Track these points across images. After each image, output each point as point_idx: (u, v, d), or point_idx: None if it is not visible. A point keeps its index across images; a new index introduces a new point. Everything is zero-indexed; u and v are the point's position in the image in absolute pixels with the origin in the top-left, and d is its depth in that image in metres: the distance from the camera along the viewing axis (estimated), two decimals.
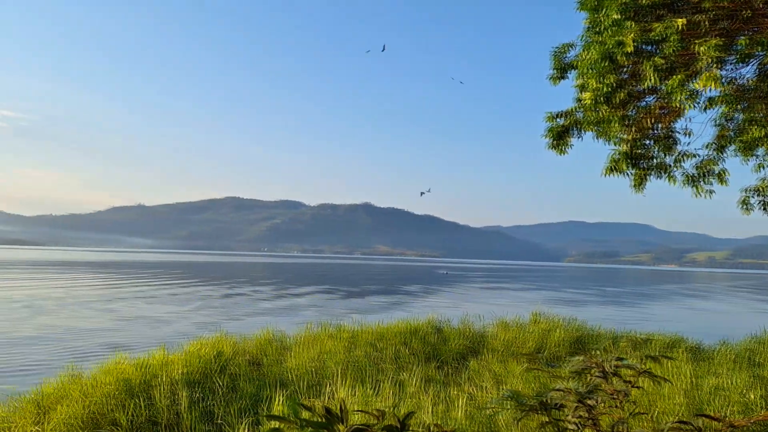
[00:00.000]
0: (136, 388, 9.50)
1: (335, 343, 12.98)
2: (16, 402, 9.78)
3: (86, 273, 72.49)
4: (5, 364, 15.71)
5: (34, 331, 21.72)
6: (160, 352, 11.25)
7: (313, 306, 36.02)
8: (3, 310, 27.95)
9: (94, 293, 40.71)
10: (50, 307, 30.19)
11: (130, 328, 23.35)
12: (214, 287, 51.67)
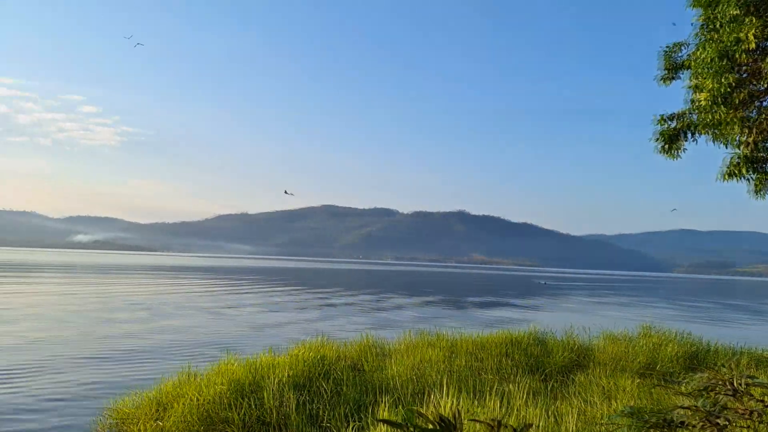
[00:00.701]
0: (246, 389, 9.96)
1: (435, 352, 12.99)
2: (138, 398, 10.59)
3: (196, 278, 76.95)
4: (129, 362, 16.99)
5: (153, 332, 23.32)
6: (266, 355, 11.73)
7: (410, 314, 36.19)
8: (126, 312, 30.23)
9: (203, 297, 43.18)
10: (166, 309, 32.32)
11: (237, 331, 24.53)
12: (313, 293, 53.23)
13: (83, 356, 17.43)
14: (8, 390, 13.25)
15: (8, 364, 15.92)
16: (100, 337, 21.38)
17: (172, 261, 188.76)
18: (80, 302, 34.65)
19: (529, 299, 58.60)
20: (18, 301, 34.65)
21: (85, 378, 14.64)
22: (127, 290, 47.15)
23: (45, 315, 27.49)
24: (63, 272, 77.44)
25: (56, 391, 13.18)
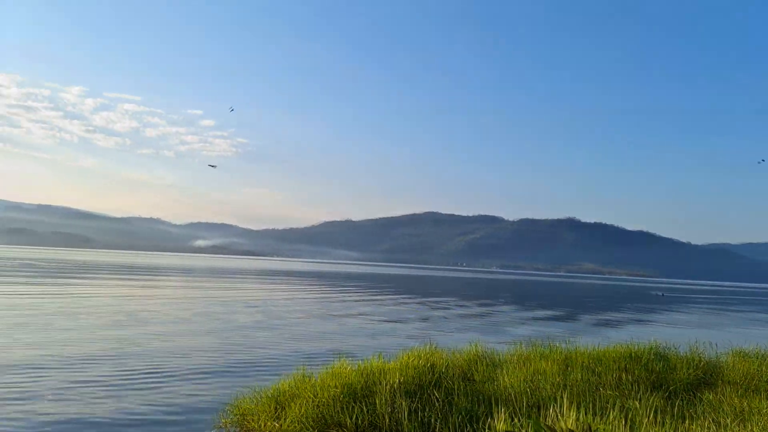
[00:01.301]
0: (359, 393, 10.10)
1: (549, 365, 12.52)
2: (257, 396, 11.04)
3: (304, 282, 79.68)
4: (248, 360, 17.83)
5: (269, 333, 24.35)
6: (377, 360, 11.84)
7: (519, 323, 35.29)
8: (244, 314, 31.81)
9: (313, 301, 44.59)
10: (280, 312, 33.67)
11: (346, 335, 25.04)
12: (418, 300, 53.36)
13: (207, 354, 18.50)
14: (143, 377, 14.38)
15: (144, 355, 17.24)
16: (222, 336, 22.61)
17: (282, 266, 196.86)
18: (202, 303, 36.92)
19: (645, 311, 55.22)
20: (150, 302, 37.52)
21: (209, 374, 15.51)
22: (243, 293, 49.64)
23: (172, 314, 29.55)
24: (186, 275, 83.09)
25: (181, 385, 14.05)
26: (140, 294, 43.06)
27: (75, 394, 12.71)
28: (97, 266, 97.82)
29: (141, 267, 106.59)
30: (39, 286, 45.70)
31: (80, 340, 19.96)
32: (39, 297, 35.63)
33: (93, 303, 33.48)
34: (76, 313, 27.74)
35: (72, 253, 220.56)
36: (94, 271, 77.71)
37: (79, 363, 16.11)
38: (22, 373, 14.59)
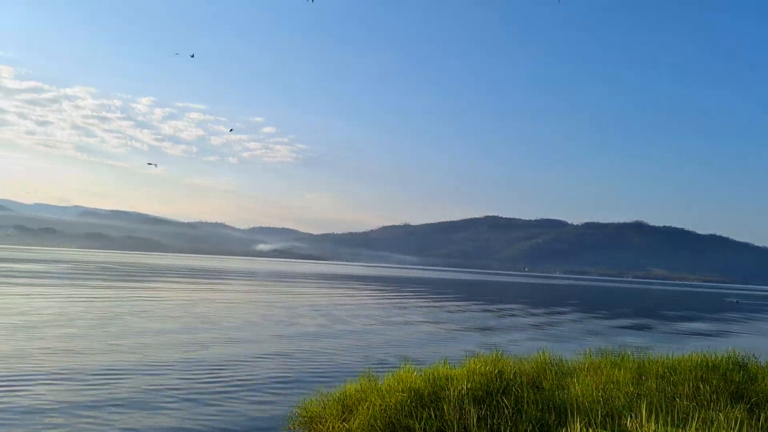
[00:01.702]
0: (426, 399, 10.08)
1: (622, 373, 12.12)
2: (325, 398, 11.20)
3: (365, 286, 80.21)
4: (314, 365, 18.11)
5: (333, 337, 24.66)
6: (443, 366, 11.78)
7: (586, 330, 34.36)
8: (308, 317, 32.36)
9: (375, 305, 44.85)
10: (342, 316, 34.04)
11: (409, 339, 25.07)
12: (480, 305, 52.81)
13: (274, 357, 18.91)
14: (213, 380, 14.83)
15: (213, 359, 17.83)
16: (288, 340, 23.07)
17: (342, 270, 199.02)
18: (267, 307, 37.78)
19: (719, 319, 52.63)
20: (217, 305, 38.73)
21: (275, 377, 15.85)
22: (306, 297, 50.48)
23: (240, 317, 30.38)
24: (250, 278, 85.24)
25: (249, 388, 14.39)
26: (208, 297, 44.51)
27: (146, 398, 13.23)
28: (167, 270, 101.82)
29: (207, 270, 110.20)
30: (115, 289, 47.92)
31: (152, 344, 20.81)
32: (116, 300, 37.40)
33: (165, 306, 34.85)
34: (150, 316, 28.95)
35: (143, 257, 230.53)
36: (164, 275, 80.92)
37: (150, 366, 16.79)
38: (96, 376, 15.34)
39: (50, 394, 12.79)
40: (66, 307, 30.57)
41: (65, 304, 32.24)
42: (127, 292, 44.56)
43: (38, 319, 25.06)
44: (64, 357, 16.96)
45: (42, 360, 16.37)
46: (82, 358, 17.01)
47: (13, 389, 13.03)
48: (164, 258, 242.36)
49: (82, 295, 39.28)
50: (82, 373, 14.96)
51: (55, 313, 27.56)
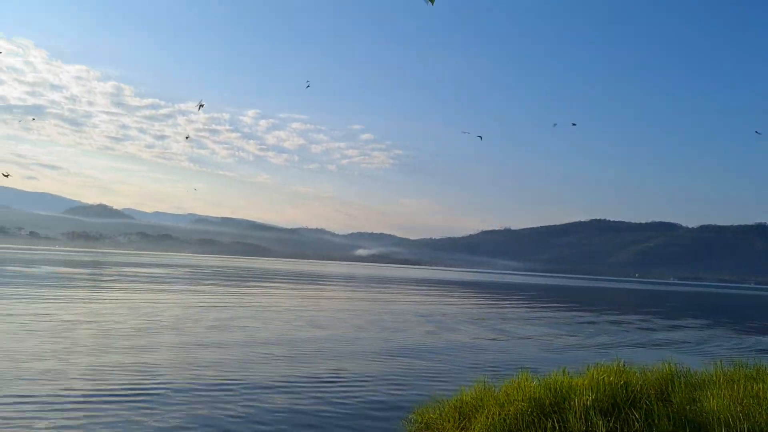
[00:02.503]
0: (547, 408, 9.86)
1: (761, 387, 11.20)
2: (441, 406, 11.23)
3: (466, 292, 79.51)
4: (426, 371, 18.23)
5: (442, 343, 24.62)
6: (563, 375, 11.44)
7: (711, 339, 32.13)
8: (414, 324, 32.58)
9: (479, 311, 44.36)
10: (448, 323, 33.94)
11: (521, 347, 24.55)
12: (591, 312, 50.80)
13: (383, 362, 19.20)
14: (330, 382, 15.29)
15: (328, 362, 18.41)
16: (396, 345, 23.34)
17: (442, 275, 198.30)
18: (372, 311, 38.43)
19: None
20: (324, 308, 39.91)
21: (389, 381, 16.10)
22: (409, 301, 50.81)
23: (346, 321, 31.14)
24: (351, 282, 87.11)
25: (360, 393, 14.63)
26: (315, 301, 46.01)
27: (257, 396, 13.90)
28: (273, 274, 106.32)
29: (310, 275, 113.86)
30: (231, 293, 50.59)
31: (265, 344, 21.81)
32: (234, 302, 39.53)
33: (275, 308, 36.43)
34: (263, 318, 30.36)
35: (251, 262, 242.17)
36: (271, 279, 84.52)
37: (260, 365, 17.61)
38: (210, 373, 16.30)
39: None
40: (192, 310, 32.77)
41: (192, 307, 34.54)
42: (241, 296, 46.95)
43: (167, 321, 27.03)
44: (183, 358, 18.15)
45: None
46: (206, 370, 18.17)
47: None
48: (270, 262, 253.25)
49: (202, 298, 41.90)
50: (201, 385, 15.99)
51: (185, 316, 29.61)
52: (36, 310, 27.38)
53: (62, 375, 14.43)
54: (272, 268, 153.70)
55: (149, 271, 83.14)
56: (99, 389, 13.26)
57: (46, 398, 12.28)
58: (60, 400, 12.22)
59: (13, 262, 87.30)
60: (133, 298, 37.77)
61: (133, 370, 15.43)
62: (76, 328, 22.58)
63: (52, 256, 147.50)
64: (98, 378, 14.31)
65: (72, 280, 54.36)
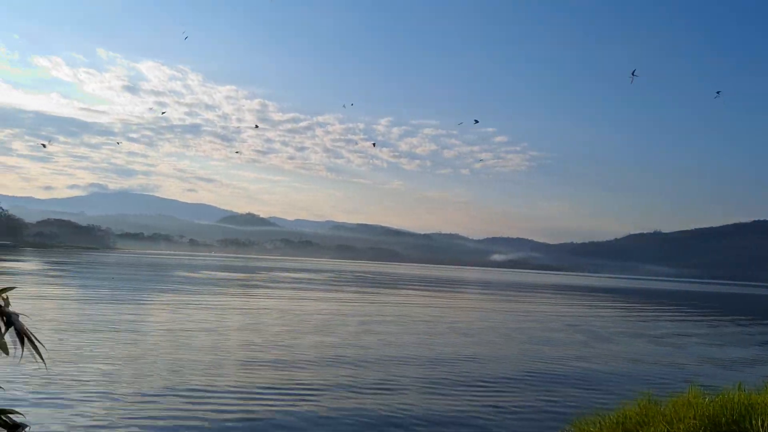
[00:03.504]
0: (723, 428, 9.32)
1: None
2: (600, 420, 10.94)
3: (614, 299, 75.42)
4: (583, 382, 17.76)
5: (596, 354, 23.72)
6: (738, 392, 10.72)
7: None
8: (562, 333, 31.69)
9: (632, 321, 42.16)
10: (599, 332, 32.57)
11: (682, 359, 23.11)
12: (760, 324, 46.11)
13: (538, 372, 18.95)
14: (480, 392, 15.42)
15: (474, 372, 18.59)
16: (545, 353, 22.93)
17: (584, 281, 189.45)
18: (514, 319, 37.87)
19: None
20: (462, 314, 40.02)
21: (544, 392, 15.90)
22: (553, 309, 49.33)
23: (489, 328, 31.02)
24: (489, 289, 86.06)
25: (518, 402, 14.60)
26: (453, 307, 46.24)
27: (388, 395, 14.35)
28: (409, 279, 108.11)
29: (446, 280, 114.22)
30: (370, 298, 52.33)
31: (405, 346, 22.40)
32: (378, 305, 40.95)
33: (412, 312, 37.16)
34: (404, 324, 31.10)
35: (386, 267, 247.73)
36: (407, 284, 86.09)
37: (403, 366, 18.12)
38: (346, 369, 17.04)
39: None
40: (342, 311, 34.56)
41: (340, 308, 36.40)
42: (382, 298, 48.41)
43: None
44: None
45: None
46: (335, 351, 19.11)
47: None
48: (404, 267, 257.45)
49: (345, 300, 43.89)
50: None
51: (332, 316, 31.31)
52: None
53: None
54: (407, 273, 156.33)
55: (301, 276, 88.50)
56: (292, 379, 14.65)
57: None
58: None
59: (188, 268, 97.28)
60: (289, 298, 40.48)
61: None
62: (266, 321, 24.84)
63: (217, 262, 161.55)
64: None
65: (248, 283, 59.40)
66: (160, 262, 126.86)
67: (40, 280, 47.94)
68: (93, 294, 37.54)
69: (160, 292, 42.72)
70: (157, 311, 30.16)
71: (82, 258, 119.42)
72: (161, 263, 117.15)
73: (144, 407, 12.11)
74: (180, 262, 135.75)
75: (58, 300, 32.14)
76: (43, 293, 35.17)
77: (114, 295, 37.74)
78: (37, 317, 23.65)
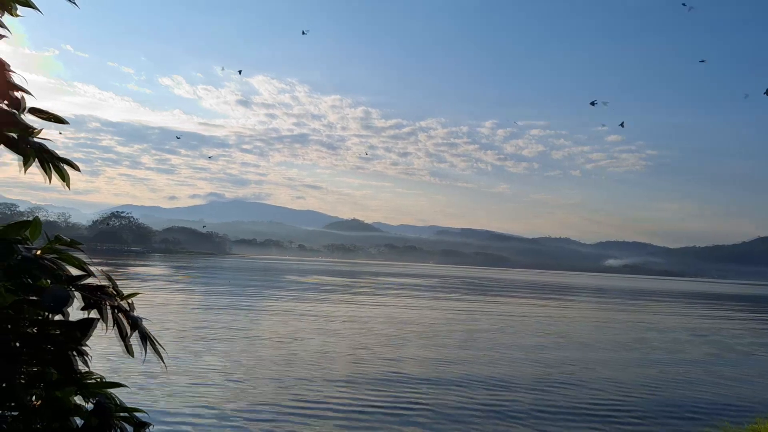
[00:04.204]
0: None
1: None
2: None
3: (744, 307, 69.21)
4: (715, 396, 16.23)
5: (731, 366, 21.85)
6: None
7: None
8: (689, 344, 29.39)
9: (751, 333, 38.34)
10: (733, 344, 30.01)
11: None
12: None
13: (658, 386, 17.71)
14: (595, 403, 14.55)
15: (589, 381, 17.48)
16: (672, 368, 21.43)
17: (709, 288, 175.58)
18: (634, 328, 35.66)
19: None
20: (576, 323, 38.24)
21: (669, 405, 14.87)
22: (676, 319, 46.01)
23: (606, 339, 29.34)
24: (604, 296, 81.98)
25: (641, 417, 13.72)
26: (564, 314, 44.30)
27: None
28: (519, 285, 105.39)
29: (557, 286, 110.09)
30: (477, 304, 51.47)
31: (515, 363, 21.52)
32: (486, 314, 40.15)
33: (522, 320, 35.94)
34: (514, 331, 30.18)
35: (493, 272, 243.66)
36: (516, 290, 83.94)
37: (503, 384, 17.29)
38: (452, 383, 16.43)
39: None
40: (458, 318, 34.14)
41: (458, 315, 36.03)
42: (490, 305, 47.45)
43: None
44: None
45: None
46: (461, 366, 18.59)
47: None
48: (512, 273, 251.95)
49: (457, 307, 43.39)
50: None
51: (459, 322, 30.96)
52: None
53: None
54: (516, 278, 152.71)
55: (407, 281, 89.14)
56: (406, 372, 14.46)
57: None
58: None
59: (298, 272, 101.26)
60: (395, 304, 40.74)
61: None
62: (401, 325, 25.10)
63: (324, 266, 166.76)
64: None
65: (354, 289, 60.81)
66: (272, 266, 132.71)
67: (166, 285, 51.60)
68: (213, 297, 39.81)
69: (274, 296, 44.53)
70: (270, 315, 31.32)
71: (203, 263, 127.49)
72: (273, 268, 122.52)
73: (259, 407, 12.39)
74: (290, 266, 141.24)
75: (182, 303, 34.34)
76: (169, 298, 37.70)
77: (232, 298, 39.77)
78: (162, 319, 25.24)
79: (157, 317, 24.94)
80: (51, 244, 2.15)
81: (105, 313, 2.10)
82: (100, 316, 2.10)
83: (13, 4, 2.15)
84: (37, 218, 2.26)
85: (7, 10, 2.15)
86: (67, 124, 2.29)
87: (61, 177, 2.22)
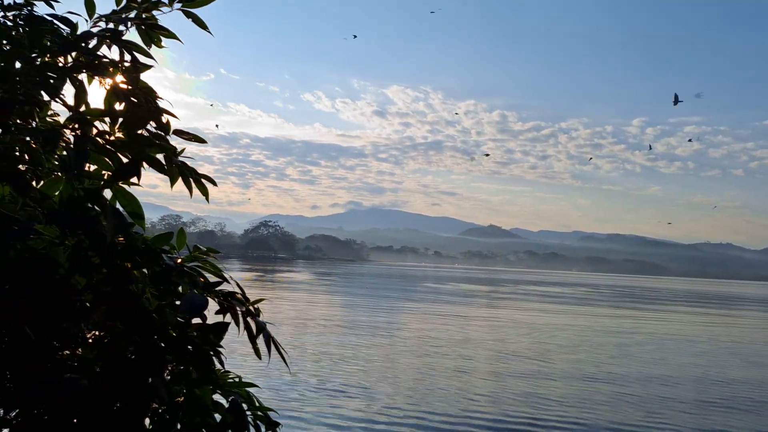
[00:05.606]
0: None
1: None
2: None
3: None
4: None
5: None
6: None
7: None
8: None
9: None
10: None
11: None
12: None
13: None
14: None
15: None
16: None
17: None
18: None
19: None
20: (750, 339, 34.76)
21: None
22: None
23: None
24: None
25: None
26: (734, 330, 40.27)
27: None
28: (676, 294, 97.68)
29: (720, 296, 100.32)
30: (630, 312, 48.38)
31: (671, 384, 19.83)
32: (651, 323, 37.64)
33: (680, 333, 33.19)
34: (665, 345, 27.95)
35: (646, 280, 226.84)
36: (673, 299, 77.77)
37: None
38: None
39: None
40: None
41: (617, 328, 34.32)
42: (652, 315, 44.37)
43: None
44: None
45: None
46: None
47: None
48: (668, 282, 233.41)
49: (605, 316, 41.11)
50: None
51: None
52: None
53: None
54: (672, 287, 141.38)
55: (550, 290, 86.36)
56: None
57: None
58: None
59: (435, 279, 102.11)
60: (539, 311, 39.57)
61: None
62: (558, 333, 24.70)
63: (461, 274, 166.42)
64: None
65: (495, 296, 60.18)
66: (409, 273, 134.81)
67: (313, 288, 54.46)
68: (353, 301, 41.33)
69: (412, 302, 45.19)
70: (409, 321, 31.79)
71: (343, 269, 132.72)
72: (410, 274, 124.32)
73: (389, 411, 12.60)
74: (426, 273, 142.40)
75: (327, 306, 35.97)
76: (315, 299, 39.71)
77: (371, 303, 40.98)
78: (307, 319, 26.63)
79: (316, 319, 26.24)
80: (192, 253, 2.36)
81: (237, 317, 2.23)
82: (234, 320, 2.24)
83: (157, 37, 2.42)
84: (182, 229, 2.48)
85: (155, 43, 2.43)
86: (205, 143, 2.51)
87: (201, 191, 2.41)
